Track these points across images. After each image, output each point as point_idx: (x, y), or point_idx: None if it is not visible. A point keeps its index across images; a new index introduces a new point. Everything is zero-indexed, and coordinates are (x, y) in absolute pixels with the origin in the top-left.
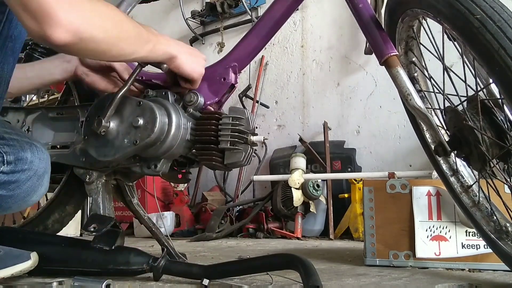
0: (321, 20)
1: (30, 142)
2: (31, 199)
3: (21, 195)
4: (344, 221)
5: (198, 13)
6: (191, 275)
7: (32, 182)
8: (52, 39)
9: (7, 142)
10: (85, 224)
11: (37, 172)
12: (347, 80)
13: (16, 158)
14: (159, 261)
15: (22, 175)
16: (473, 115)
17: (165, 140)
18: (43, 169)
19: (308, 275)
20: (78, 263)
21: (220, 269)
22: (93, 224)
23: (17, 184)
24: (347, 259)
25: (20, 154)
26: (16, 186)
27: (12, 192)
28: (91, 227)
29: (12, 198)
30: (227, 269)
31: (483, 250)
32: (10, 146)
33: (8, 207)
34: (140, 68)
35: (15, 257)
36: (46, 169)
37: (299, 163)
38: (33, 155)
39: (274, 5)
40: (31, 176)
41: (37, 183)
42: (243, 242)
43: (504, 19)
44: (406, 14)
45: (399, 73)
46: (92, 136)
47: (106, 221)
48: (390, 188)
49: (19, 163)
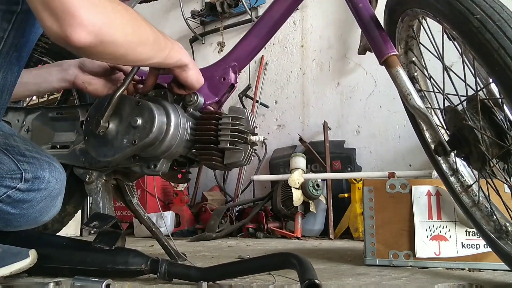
0: (321, 20)
1: (49, 162)
2: (42, 219)
3: (33, 215)
4: (344, 221)
5: (198, 12)
6: (189, 278)
7: (46, 202)
8: (72, 40)
9: (27, 159)
10: (87, 221)
11: (52, 193)
12: (347, 80)
13: (34, 176)
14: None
15: (37, 194)
16: (473, 115)
17: (164, 140)
18: (58, 190)
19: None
20: (77, 262)
21: (218, 271)
22: (94, 222)
23: (31, 203)
24: (347, 258)
25: (38, 173)
26: (29, 205)
27: (25, 211)
28: (93, 224)
29: (23, 218)
30: (225, 271)
31: (483, 250)
32: (30, 164)
33: (18, 225)
34: (138, 68)
35: (13, 255)
36: (61, 190)
37: (299, 163)
38: (51, 175)
39: (274, 5)
40: (45, 196)
41: (50, 204)
42: (243, 242)
43: (504, 18)
44: (406, 13)
45: (399, 72)
46: (92, 136)
47: (107, 219)
48: (390, 188)
49: (36, 181)
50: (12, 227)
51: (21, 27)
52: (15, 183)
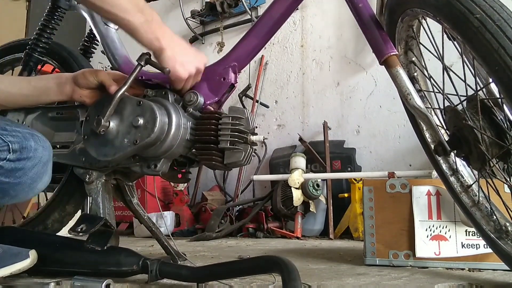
0: (321, 20)
1: (31, 133)
2: (37, 186)
3: (27, 182)
4: (344, 221)
5: (198, 12)
6: (180, 277)
7: (38, 169)
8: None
9: (10, 132)
10: (73, 225)
11: (41, 159)
12: (347, 80)
13: (21, 146)
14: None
15: (27, 162)
16: (472, 115)
17: (165, 139)
18: (47, 156)
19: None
20: (71, 264)
21: (209, 271)
22: (81, 225)
23: (24, 171)
24: (347, 258)
25: (24, 143)
26: (22, 173)
27: (19, 180)
28: (79, 227)
29: (19, 185)
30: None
31: (483, 250)
32: (13, 136)
33: (15, 194)
34: (140, 67)
35: (13, 255)
36: (49, 157)
37: (299, 162)
38: (36, 143)
39: (274, 4)
40: (36, 163)
41: (42, 170)
42: (243, 241)
43: (504, 18)
44: (406, 13)
45: (399, 72)
46: (92, 135)
47: (95, 221)
48: (390, 188)
49: (24, 151)
50: (9, 196)
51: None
52: (4, 154)
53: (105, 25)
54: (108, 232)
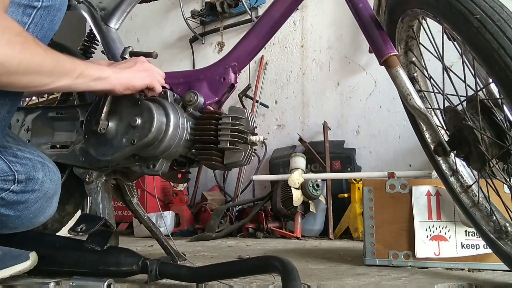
0: (321, 20)
1: (43, 162)
2: (38, 220)
3: (28, 216)
4: (344, 221)
5: (198, 12)
6: (180, 278)
7: (41, 203)
8: None
9: (20, 160)
10: (73, 225)
11: (47, 193)
12: (347, 80)
13: (27, 177)
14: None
15: (31, 195)
16: (472, 115)
17: (163, 139)
18: (53, 190)
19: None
20: (71, 264)
21: (208, 271)
22: (81, 225)
23: (26, 205)
24: (347, 258)
25: (32, 173)
26: (24, 207)
27: (20, 213)
28: (79, 227)
29: (19, 219)
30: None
31: (482, 250)
32: (22, 165)
33: (14, 227)
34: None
35: (14, 257)
36: (56, 190)
37: (298, 163)
38: (44, 175)
39: (274, 5)
40: (40, 197)
41: (46, 204)
42: (243, 241)
43: (504, 18)
44: (406, 14)
45: (399, 73)
46: (91, 135)
47: (95, 221)
48: (389, 188)
49: (30, 182)
50: (8, 229)
51: (39, 22)
52: (8, 185)
53: (105, 25)
54: (108, 232)
